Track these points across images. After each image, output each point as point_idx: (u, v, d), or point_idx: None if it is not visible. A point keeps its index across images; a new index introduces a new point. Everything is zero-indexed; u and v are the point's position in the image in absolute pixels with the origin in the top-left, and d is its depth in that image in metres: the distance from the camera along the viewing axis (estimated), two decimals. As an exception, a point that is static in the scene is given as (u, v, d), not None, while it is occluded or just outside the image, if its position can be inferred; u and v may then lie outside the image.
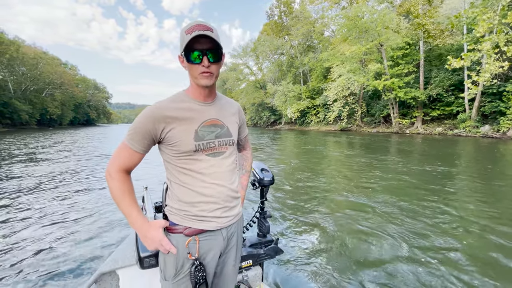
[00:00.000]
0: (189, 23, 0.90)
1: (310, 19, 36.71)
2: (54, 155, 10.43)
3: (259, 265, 1.79)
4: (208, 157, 0.98)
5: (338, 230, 3.35)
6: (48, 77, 51.81)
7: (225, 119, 1.05)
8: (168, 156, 0.98)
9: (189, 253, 0.96)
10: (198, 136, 0.96)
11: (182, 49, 0.89)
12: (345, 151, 11.53)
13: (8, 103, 42.06)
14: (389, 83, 22.88)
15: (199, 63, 0.90)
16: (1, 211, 4.06)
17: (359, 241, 3.05)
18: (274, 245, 1.75)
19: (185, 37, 0.88)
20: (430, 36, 23.47)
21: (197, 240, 0.97)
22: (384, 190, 5.18)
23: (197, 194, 0.97)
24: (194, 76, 0.94)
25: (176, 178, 0.98)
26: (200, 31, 0.86)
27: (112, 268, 1.40)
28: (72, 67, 72.55)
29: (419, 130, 22.93)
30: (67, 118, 62.22)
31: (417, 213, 3.89)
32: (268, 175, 1.67)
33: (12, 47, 42.29)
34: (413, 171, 6.93)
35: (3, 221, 3.70)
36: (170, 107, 0.95)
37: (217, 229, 1.01)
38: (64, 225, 3.62)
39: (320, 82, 34.54)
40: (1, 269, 2.53)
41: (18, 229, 3.47)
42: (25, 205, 4.35)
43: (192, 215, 0.97)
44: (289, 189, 5.37)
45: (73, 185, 5.63)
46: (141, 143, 0.93)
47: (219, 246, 1.03)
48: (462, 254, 2.74)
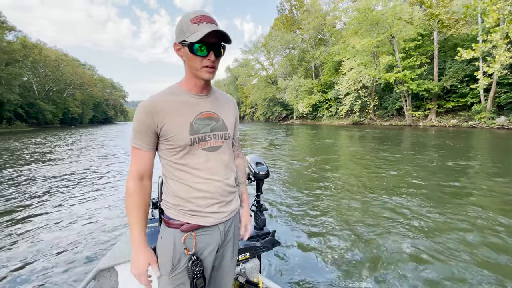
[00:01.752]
0: (192, 11, 0.88)
1: (321, 12, 36.40)
2: (90, 150, 11.41)
3: (257, 257, 1.79)
4: (204, 152, 0.97)
5: (339, 224, 3.33)
6: (69, 78, 54.40)
7: (220, 112, 1.03)
8: (163, 151, 0.97)
9: (186, 248, 0.95)
10: (193, 129, 0.94)
11: (186, 38, 0.86)
12: (360, 144, 11.34)
13: (33, 103, 44.69)
14: (401, 76, 22.62)
15: (205, 56, 0.88)
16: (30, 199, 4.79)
17: (359, 236, 3.01)
18: (271, 237, 1.78)
19: (190, 26, 0.85)
20: (444, 26, 22.88)
21: (194, 235, 0.97)
22: (399, 186, 4.88)
23: (193, 189, 0.96)
24: (196, 68, 0.91)
25: (171, 174, 0.97)
26: (210, 24, 0.85)
27: (111, 264, 1.40)
28: (91, 68, 75.42)
29: (433, 123, 22.60)
30: (87, 117, 65.19)
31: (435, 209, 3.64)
32: (263, 169, 1.70)
33: (35, 50, 44.59)
34: (435, 166, 6.43)
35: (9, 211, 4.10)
36: (164, 100, 0.93)
37: (214, 224, 1.00)
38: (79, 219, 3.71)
39: (332, 75, 34.40)
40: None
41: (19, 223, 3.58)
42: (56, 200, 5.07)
43: (188, 210, 0.96)
44: (293, 182, 5.43)
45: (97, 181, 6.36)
46: (145, 140, 0.92)
47: (216, 241, 1.02)
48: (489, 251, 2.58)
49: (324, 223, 3.40)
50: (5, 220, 3.72)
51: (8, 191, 5.17)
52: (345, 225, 3.32)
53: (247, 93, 57.51)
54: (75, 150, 11.89)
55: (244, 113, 67.43)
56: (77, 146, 13.59)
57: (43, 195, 4.90)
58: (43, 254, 2.79)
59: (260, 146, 12.04)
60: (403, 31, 22.36)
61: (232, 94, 73.11)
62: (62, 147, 12.92)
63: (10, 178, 6.26)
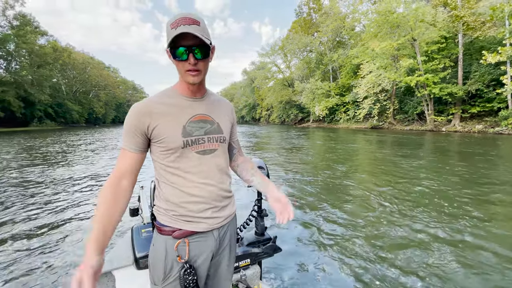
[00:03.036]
0: (174, 15, 0.85)
1: (340, 15, 36.13)
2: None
3: (258, 263, 1.76)
4: (198, 155, 0.94)
5: (347, 233, 3.21)
6: (94, 80, 57.31)
7: (215, 116, 1.01)
8: (155, 154, 0.95)
9: (178, 256, 0.92)
10: (186, 131, 0.92)
11: (168, 44, 0.85)
12: (380, 149, 11.11)
13: (62, 103, 47.41)
14: (422, 79, 22.02)
15: (186, 60, 0.86)
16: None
17: (366, 243, 2.90)
18: (272, 243, 1.74)
19: (170, 32, 0.82)
20: (469, 28, 22.06)
21: (186, 242, 0.93)
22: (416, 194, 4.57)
23: (185, 194, 0.93)
24: (181, 73, 0.90)
25: (163, 178, 0.95)
26: (186, 26, 0.81)
27: (108, 269, 1.38)
28: (114, 70, 78.75)
29: (456, 128, 21.79)
30: (110, 117, 68.21)
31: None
32: (263, 173, 1.82)
33: (65, 54, 47.33)
34: (476, 177, 5.72)
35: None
36: (155, 102, 0.92)
37: (208, 231, 0.96)
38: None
39: (350, 78, 33.99)
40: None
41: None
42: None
43: (180, 215, 0.93)
44: (300, 187, 5.31)
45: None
46: (132, 141, 0.90)
47: (211, 248, 0.98)
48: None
49: (330, 231, 3.27)
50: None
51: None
52: (354, 235, 3.14)
53: (263, 95, 57.86)
54: (90, 151, 12.59)
55: (259, 116, 67.75)
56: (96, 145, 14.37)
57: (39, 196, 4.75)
58: (36, 257, 2.67)
59: (275, 148, 12.20)
60: (426, 33, 21.79)
61: (248, 97, 73.90)
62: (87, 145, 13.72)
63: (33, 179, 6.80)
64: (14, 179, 6.03)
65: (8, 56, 37.94)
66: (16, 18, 37.47)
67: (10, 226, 3.49)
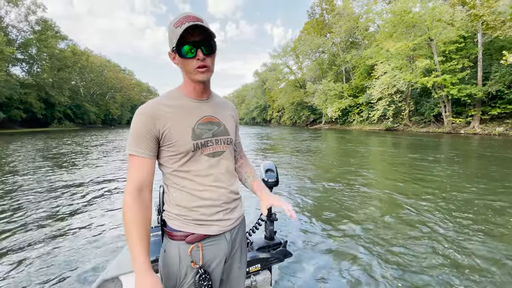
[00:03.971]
0: (175, 16, 0.85)
1: (353, 15, 35.75)
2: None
3: (268, 269, 1.72)
4: (207, 158, 0.93)
5: (362, 239, 3.03)
6: (110, 82, 59.15)
7: (221, 117, 1.00)
8: (164, 159, 0.92)
9: (192, 262, 0.90)
10: (195, 134, 0.91)
11: (173, 44, 0.83)
12: (403, 153, 10.53)
13: (80, 105, 49.19)
14: (440, 80, 21.47)
15: (193, 57, 0.85)
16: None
17: (383, 251, 2.71)
18: (282, 248, 1.71)
19: (174, 31, 0.82)
20: (489, 28, 21.34)
21: (200, 247, 0.91)
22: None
23: (197, 198, 0.91)
24: (189, 71, 0.88)
25: (172, 182, 0.93)
26: (190, 23, 0.80)
27: (115, 274, 1.36)
28: (130, 73, 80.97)
29: (476, 130, 21.10)
30: (125, 118, 70.12)
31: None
32: (271, 176, 1.63)
33: (83, 57, 49.05)
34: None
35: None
36: (163, 104, 0.90)
37: (220, 233, 0.95)
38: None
39: (363, 79, 33.54)
40: (3, 270, 2.52)
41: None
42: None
43: (192, 220, 0.92)
44: (313, 189, 5.19)
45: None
46: (147, 147, 0.86)
47: (224, 251, 0.97)
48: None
49: (343, 236, 3.13)
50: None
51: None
52: (369, 241, 2.96)
53: (274, 97, 57.86)
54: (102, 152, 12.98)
55: (270, 117, 67.77)
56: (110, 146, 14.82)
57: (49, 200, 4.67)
58: (43, 262, 2.64)
59: (289, 150, 12.20)
60: (443, 33, 21.25)
61: (259, 98, 74.04)
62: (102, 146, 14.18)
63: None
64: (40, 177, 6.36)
65: (30, 59, 39.77)
66: (38, 23, 39.26)
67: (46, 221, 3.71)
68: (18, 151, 11.59)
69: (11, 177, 6.37)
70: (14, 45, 35.94)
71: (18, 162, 8.51)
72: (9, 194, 4.98)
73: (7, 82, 31.27)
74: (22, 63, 39.64)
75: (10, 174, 6.65)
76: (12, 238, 3.18)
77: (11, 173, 6.84)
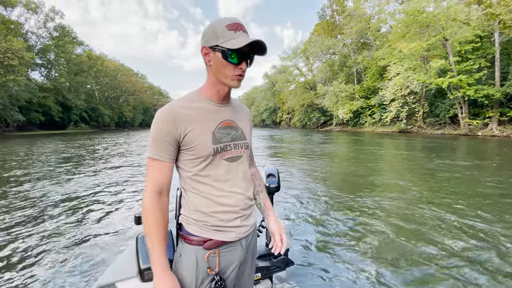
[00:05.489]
0: (226, 17, 0.85)
1: (364, 16, 35.41)
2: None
3: (269, 278, 1.68)
4: (226, 162, 0.93)
5: (367, 249, 2.88)
6: (124, 86, 60.66)
7: (239, 121, 1.00)
8: (183, 162, 0.91)
9: (209, 268, 0.89)
10: (215, 138, 0.90)
11: (221, 43, 0.82)
12: (425, 156, 10.08)
13: (95, 108, 50.65)
14: (455, 81, 20.94)
15: (237, 64, 0.85)
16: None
17: (393, 268, 2.51)
18: (284, 256, 1.66)
19: (227, 33, 0.82)
20: (506, 27, 20.69)
21: (217, 253, 0.91)
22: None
23: (215, 203, 0.91)
24: (226, 75, 0.87)
25: (190, 186, 0.92)
26: (245, 33, 0.84)
27: (111, 281, 1.34)
28: (142, 76, 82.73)
29: (494, 132, 20.44)
30: (137, 121, 71.70)
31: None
32: (273, 181, 1.59)
33: (98, 62, 50.53)
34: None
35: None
36: (184, 107, 0.88)
37: (237, 240, 0.95)
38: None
39: (375, 81, 33.13)
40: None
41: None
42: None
43: (211, 225, 0.91)
44: (318, 194, 4.93)
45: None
46: (167, 150, 0.86)
47: (239, 258, 0.97)
48: None
49: (347, 245, 2.98)
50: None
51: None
52: (375, 251, 2.82)
53: (284, 99, 57.83)
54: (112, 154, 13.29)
55: (280, 119, 67.73)
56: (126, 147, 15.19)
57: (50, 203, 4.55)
58: (37, 267, 2.56)
59: (299, 153, 12.14)
60: (459, 33, 20.75)
61: (269, 100, 74.19)
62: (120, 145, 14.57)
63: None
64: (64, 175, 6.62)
65: (49, 64, 41.34)
66: (56, 29, 40.78)
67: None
68: (44, 153, 12.06)
69: (35, 176, 6.66)
70: (33, 51, 37.38)
71: (40, 162, 8.87)
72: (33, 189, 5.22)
73: (27, 86, 32.55)
74: (41, 68, 41.26)
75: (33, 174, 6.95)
76: (11, 237, 3.20)
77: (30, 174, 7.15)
